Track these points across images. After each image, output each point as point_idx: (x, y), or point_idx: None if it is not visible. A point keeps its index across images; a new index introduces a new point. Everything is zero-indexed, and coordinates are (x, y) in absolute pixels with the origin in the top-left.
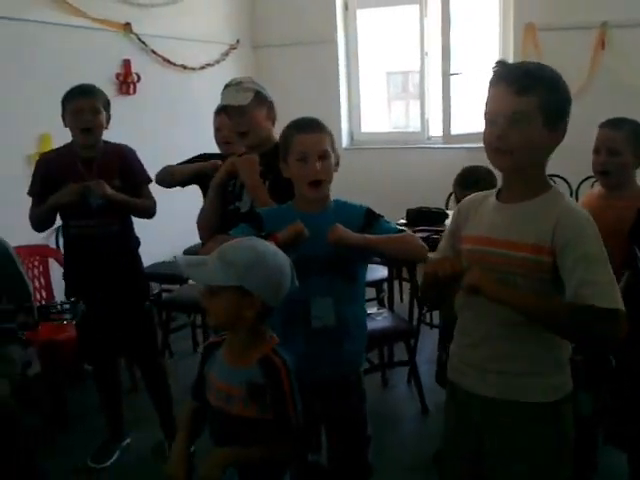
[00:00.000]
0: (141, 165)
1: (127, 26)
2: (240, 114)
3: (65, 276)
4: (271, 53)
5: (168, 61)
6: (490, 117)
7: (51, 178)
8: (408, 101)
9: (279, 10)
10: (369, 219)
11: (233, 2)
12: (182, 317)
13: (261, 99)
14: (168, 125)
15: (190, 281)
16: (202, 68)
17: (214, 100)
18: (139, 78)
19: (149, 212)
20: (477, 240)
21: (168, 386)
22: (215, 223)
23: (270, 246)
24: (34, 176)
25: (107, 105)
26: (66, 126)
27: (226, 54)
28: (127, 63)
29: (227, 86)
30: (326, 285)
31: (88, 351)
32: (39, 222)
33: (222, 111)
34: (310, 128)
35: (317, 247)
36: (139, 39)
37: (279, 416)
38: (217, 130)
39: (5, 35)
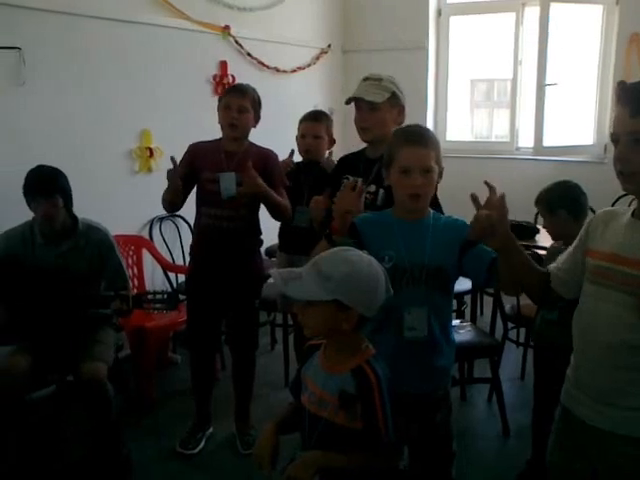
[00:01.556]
0: (280, 170)
1: (226, 29)
2: (370, 110)
3: (191, 260)
4: (360, 58)
5: (262, 63)
6: (613, 138)
7: (194, 165)
8: (492, 110)
9: (371, 16)
10: None
11: (327, 7)
12: (262, 314)
13: (395, 101)
14: (259, 126)
15: (270, 280)
16: (294, 71)
17: (304, 103)
18: (234, 79)
19: (288, 212)
20: (604, 256)
21: (253, 379)
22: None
23: (364, 256)
24: (180, 161)
25: (257, 105)
26: (219, 122)
27: (317, 58)
28: (224, 64)
29: (366, 79)
30: (422, 296)
31: (194, 337)
32: (169, 204)
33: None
34: (417, 141)
35: (415, 256)
36: (236, 42)
37: (369, 429)
38: (302, 137)
39: (115, 36)
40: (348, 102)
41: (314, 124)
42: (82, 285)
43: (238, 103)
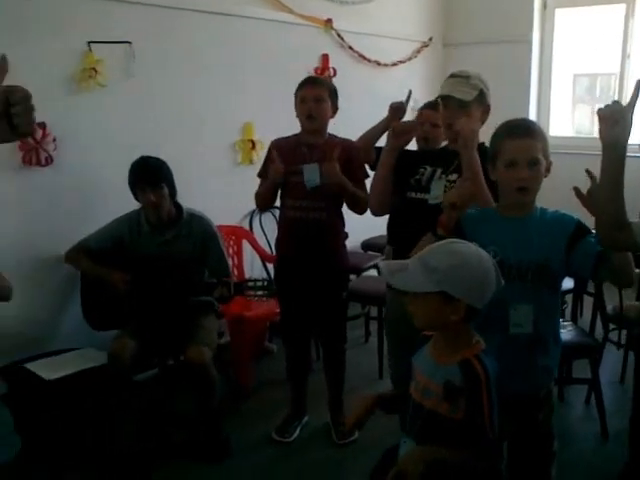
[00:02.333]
0: (361, 162)
1: (328, 22)
2: (458, 107)
3: (277, 255)
4: (461, 51)
5: (363, 57)
6: None
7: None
8: (594, 105)
9: (474, 8)
10: (580, 230)
11: (428, 0)
12: (356, 307)
13: (482, 99)
14: (360, 119)
15: (367, 272)
16: (394, 65)
17: (404, 96)
18: (335, 72)
19: (364, 204)
20: None
21: (344, 371)
22: (384, 191)
23: (472, 247)
24: (265, 159)
25: (333, 95)
26: (297, 115)
27: (418, 51)
28: (325, 58)
29: (453, 76)
30: (528, 292)
31: (287, 330)
32: (262, 200)
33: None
34: (522, 133)
35: (521, 252)
36: (338, 35)
37: (473, 424)
38: (420, 124)
39: (219, 30)
40: (425, 107)
41: (435, 112)
42: (185, 272)
43: (314, 94)
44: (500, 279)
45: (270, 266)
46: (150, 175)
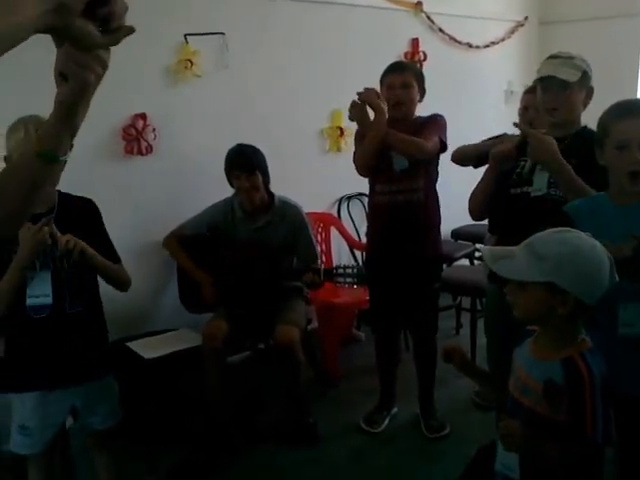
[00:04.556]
0: (434, 126)
1: (418, 5)
2: (561, 89)
3: (368, 242)
4: (559, 29)
5: (454, 39)
6: None
7: None
8: None
9: None
10: None
11: None
12: (447, 297)
13: (585, 81)
14: (451, 103)
15: (458, 262)
16: (487, 46)
17: (498, 79)
18: (425, 57)
19: (418, 148)
20: None
21: (435, 363)
22: (483, 201)
23: (585, 237)
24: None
25: (420, 79)
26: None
27: (512, 32)
28: (415, 42)
29: (553, 57)
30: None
31: (376, 318)
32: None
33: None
34: (633, 113)
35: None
36: (428, 18)
37: (574, 426)
38: (524, 109)
39: (309, 17)
40: (529, 90)
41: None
42: (276, 258)
43: (401, 80)
44: (614, 274)
45: (358, 253)
46: (245, 162)
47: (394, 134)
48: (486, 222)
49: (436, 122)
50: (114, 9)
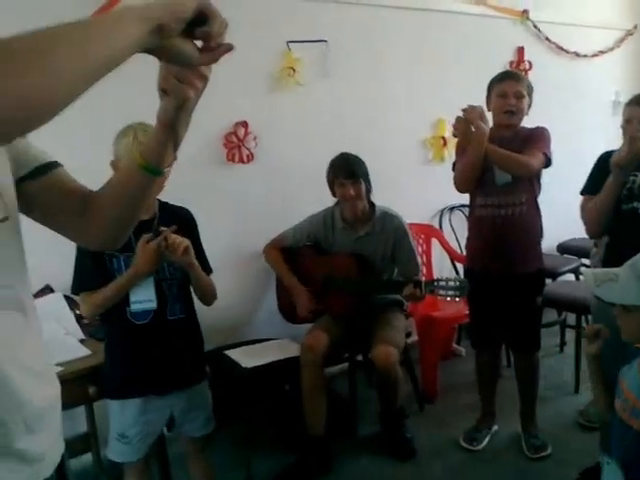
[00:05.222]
0: (539, 138)
1: (524, 13)
2: None
3: (468, 255)
4: None
5: (561, 48)
6: None
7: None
8: None
9: None
10: None
11: None
12: (551, 313)
13: None
14: (558, 114)
15: (564, 277)
16: (594, 55)
17: (605, 89)
18: (530, 66)
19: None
20: None
21: (537, 380)
22: (604, 219)
23: None
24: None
25: (530, 91)
26: (489, 109)
27: (621, 41)
28: (520, 50)
29: None
30: None
31: (477, 333)
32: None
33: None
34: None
35: None
36: (534, 26)
37: None
38: (627, 122)
39: (412, 25)
40: (631, 103)
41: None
42: (376, 269)
43: (515, 89)
44: None
45: (459, 266)
46: (349, 170)
47: (497, 151)
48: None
49: (542, 136)
50: (213, 28)
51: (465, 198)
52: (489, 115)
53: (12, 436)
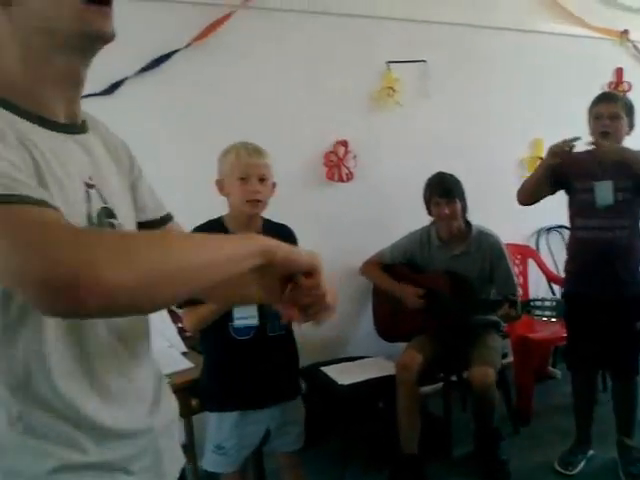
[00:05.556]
0: None
1: (624, 34)
2: None
3: (566, 277)
4: None
5: None
6: None
7: (563, 171)
8: None
9: None
10: None
11: None
12: None
13: None
14: None
15: None
16: None
17: None
18: (630, 87)
19: None
20: None
21: (636, 406)
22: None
23: None
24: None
25: (630, 112)
26: (591, 133)
27: None
28: (619, 71)
29: None
30: None
31: (574, 357)
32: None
33: None
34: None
35: None
36: (634, 46)
37: None
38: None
39: (510, 45)
40: None
41: None
42: (472, 289)
43: (610, 110)
44: None
45: (556, 288)
46: (444, 189)
47: (633, 152)
48: None
49: None
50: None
51: (563, 219)
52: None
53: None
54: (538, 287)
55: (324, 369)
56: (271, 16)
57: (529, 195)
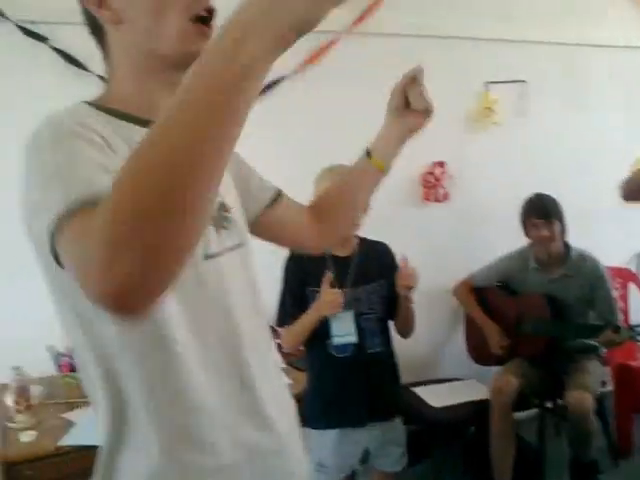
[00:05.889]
0: None
1: None
2: None
3: None
4: None
5: None
6: None
7: None
8: None
9: None
10: None
11: None
12: None
13: None
14: None
15: None
16: None
17: None
18: None
19: None
20: None
21: None
22: None
23: None
24: None
25: None
26: None
27: None
28: None
29: None
30: None
31: None
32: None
33: None
34: None
35: None
36: None
37: None
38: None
39: (614, 63)
40: None
41: None
42: (571, 313)
43: None
44: None
45: None
46: (542, 210)
47: None
48: None
49: None
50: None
51: None
52: None
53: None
54: (639, 312)
55: (415, 390)
56: (374, 41)
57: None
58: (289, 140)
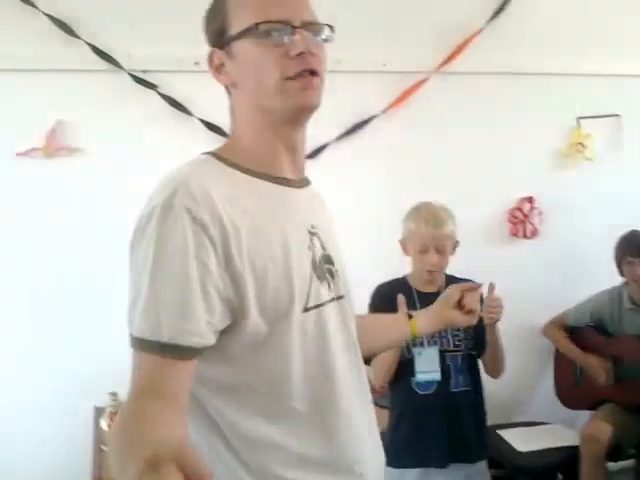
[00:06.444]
0: None
1: None
2: None
3: None
4: None
5: None
6: None
7: None
8: None
9: None
10: None
11: None
12: None
13: None
14: None
15: None
16: None
17: None
18: None
19: None
20: None
21: None
22: None
23: None
24: None
25: None
26: None
27: None
28: None
29: None
30: None
31: None
32: None
33: None
34: None
35: None
36: None
37: None
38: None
39: None
40: None
41: None
42: None
43: None
44: None
45: None
46: (639, 248)
47: None
48: None
49: None
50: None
51: None
52: None
53: None
54: None
55: (500, 432)
56: (464, 80)
57: None
58: (378, 176)
